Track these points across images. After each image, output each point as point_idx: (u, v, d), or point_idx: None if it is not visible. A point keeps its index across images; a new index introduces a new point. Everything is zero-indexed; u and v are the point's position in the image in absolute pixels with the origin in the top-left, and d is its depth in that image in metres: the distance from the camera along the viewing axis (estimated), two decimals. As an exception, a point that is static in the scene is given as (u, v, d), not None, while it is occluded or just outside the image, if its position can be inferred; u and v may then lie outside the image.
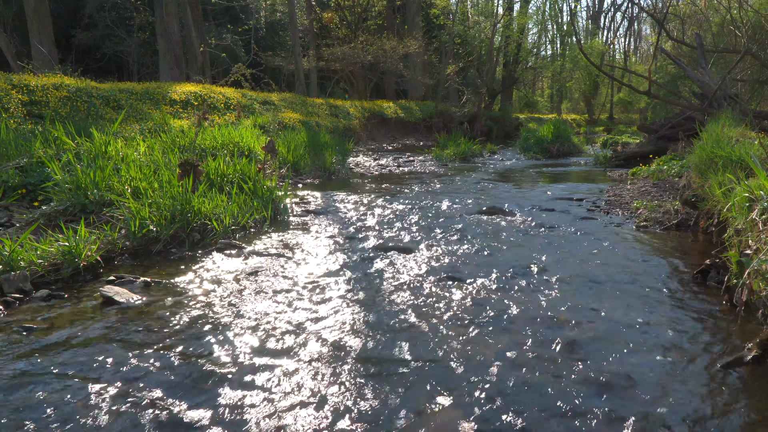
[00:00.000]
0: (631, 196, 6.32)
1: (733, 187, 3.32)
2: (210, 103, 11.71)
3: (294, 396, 1.95)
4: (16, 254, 3.08)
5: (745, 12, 13.22)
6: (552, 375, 2.10)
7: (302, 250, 3.98)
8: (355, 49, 20.26)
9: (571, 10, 36.43)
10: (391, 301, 2.91)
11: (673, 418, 1.82)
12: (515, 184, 7.96)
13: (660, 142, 10.06)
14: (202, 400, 1.92)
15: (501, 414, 1.84)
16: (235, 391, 1.98)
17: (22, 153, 5.27)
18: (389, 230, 4.63)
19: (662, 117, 13.95)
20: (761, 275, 2.36)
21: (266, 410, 1.86)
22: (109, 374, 2.08)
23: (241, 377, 2.07)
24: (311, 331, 2.51)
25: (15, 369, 2.10)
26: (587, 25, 47.58)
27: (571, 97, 46.24)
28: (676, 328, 2.53)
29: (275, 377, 2.08)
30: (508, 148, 16.55)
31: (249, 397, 1.94)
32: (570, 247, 4.03)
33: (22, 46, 17.41)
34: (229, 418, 1.81)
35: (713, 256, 3.33)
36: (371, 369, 2.15)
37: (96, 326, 2.53)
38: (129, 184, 4.56)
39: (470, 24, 27.74)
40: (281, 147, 8.21)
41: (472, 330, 2.52)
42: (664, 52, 12.60)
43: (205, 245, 4.01)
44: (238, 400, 1.91)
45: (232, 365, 2.17)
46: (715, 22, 17.40)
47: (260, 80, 19.13)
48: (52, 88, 8.27)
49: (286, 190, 5.41)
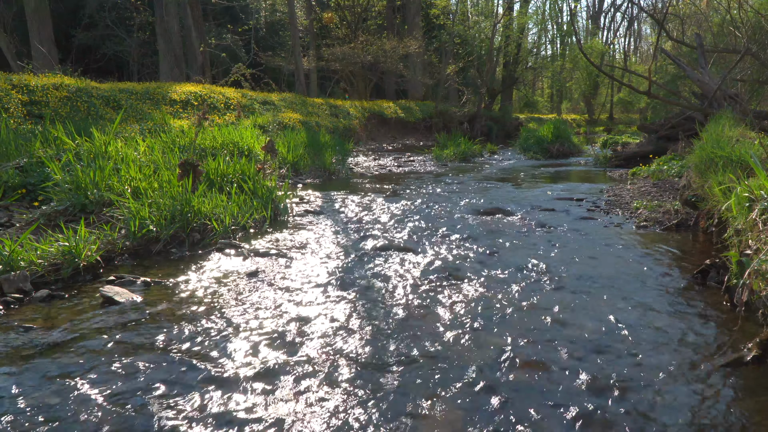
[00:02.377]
0: (631, 196, 6.32)
1: (733, 187, 3.31)
2: (210, 103, 11.71)
3: (293, 396, 1.95)
4: (16, 254, 3.08)
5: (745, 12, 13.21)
6: (552, 375, 2.10)
7: (302, 250, 3.98)
8: (355, 49, 20.26)
9: (571, 10, 36.43)
10: (391, 300, 2.91)
11: (672, 418, 1.81)
12: (515, 184, 7.96)
13: (660, 142, 10.06)
14: (202, 400, 1.92)
15: (501, 414, 1.84)
16: (235, 391, 1.98)
17: (22, 153, 5.27)
18: (389, 230, 4.63)
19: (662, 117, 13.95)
20: (761, 275, 2.36)
21: (266, 410, 1.86)
22: (109, 374, 2.08)
23: (241, 377, 2.07)
24: (311, 330, 2.51)
25: (14, 369, 2.10)
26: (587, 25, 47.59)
27: (571, 97, 46.21)
28: (675, 328, 2.53)
29: (275, 377, 2.08)
30: (508, 148, 16.55)
31: (249, 397, 1.94)
32: (570, 247, 4.03)
33: (22, 46, 17.41)
34: (229, 417, 1.81)
35: (713, 256, 3.33)
36: (371, 369, 2.15)
37: (96, 326, 2.53)
38: (129, 184, 4.56)
39: (470, 24, 27.74)
40: (281, 147, 8.21)
41: (472, 330, 2.51)
42: (664, 52, 12.60)
43: (205, 245, 4.01)
44: (237, 400, 1.91)
45: (233, 365, 2.17)
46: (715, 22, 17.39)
47: (260, 80, 19.14)
48: (52, 88, 8.27)
49: (286, 190, 5.41)
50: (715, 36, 16.35)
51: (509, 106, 29.78)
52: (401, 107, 21.39)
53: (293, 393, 1.97)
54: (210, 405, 1.88)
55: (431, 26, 25.62)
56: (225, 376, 2.08)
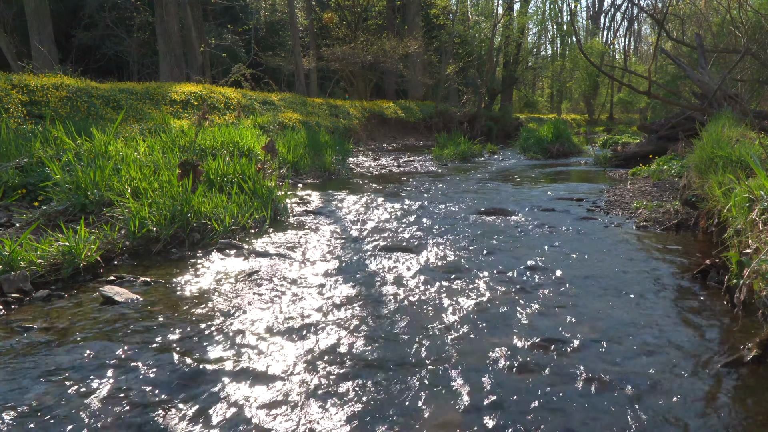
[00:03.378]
0: (631, 196, 6.32)
1: (733, 187, 3.31)
2: (210, 103, 11.72)
3: (293, 395, 1.95)
4: (16, 254, 3.08)
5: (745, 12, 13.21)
6: (551, 374, 2.09)
7: (302, 250, 3.98)
8: (355, 49, 20.27)
9: (571, 10, 36.41)
10: (391, 300, 2.91)
11: (672, 418, 1.81)
12: (515, 184, 7.96)
13: (660, 142, 10.06)
14: (202, 399, 1.92)
15: (500, 413, 1.84)
16: (235, 390, 1.98)
17: (22, 153, 5.27)
18: (389, 230, 4.63)
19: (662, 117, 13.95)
20: (761, 275, 2.36)
21: (265, 410, 1.86)
22: (109, 374, 2.08)
23: (241, 377, 2.07)
24: (311, 330, 2.51)
25: (14, 369, 2.10)
26: (587, 25, 47.59)
27: (571, 97, 46.21)
28: (675, 328, 2.53)
29: (275, 377, 2.08)
30: (508, 148, 16.54)
31: (249, 396, 1.94)
32: (570, 247, 4.03)
33: (22, 46, 17.41)
34: (228, 417, 1.81)
35: (713, 256, 3.33)
36: (371, 368, 2.15)
37: (96, 326, 2.53)
38: (129, 184, 4.56)
39: (470, 24, 27.76)
40: (281, 147, 8.21)
41: (471, 330, 2.51)
42: (664, 52, 12.60)
43: (205, 245, 4.01)
44: (237, 400, 1.91)
45: (232, 365, 2.17)
46: (715, 22, 17.40)
47: (260, 80, 19.15)
48: (52, 88, 8.27)
49: (286, 190, 5.41)
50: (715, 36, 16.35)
51: (509, 106, 29.79)
52: (401, 107, 21.39)
53: (292, 391, 1.97)
54: (210, 405, 1.88)
55: (431, 26, 25.62)
56: (225, 376, 2.08)
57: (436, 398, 1.94)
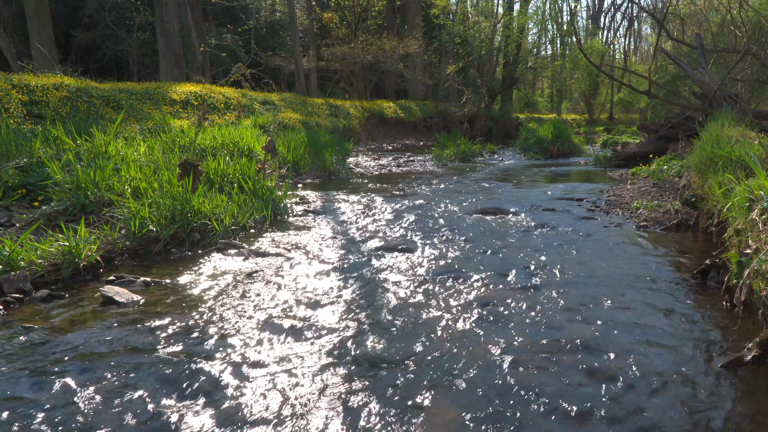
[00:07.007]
0: (631, 196, 6.32)
1: (733, 187, 3.31)
2: (210, 103, 11.71)
3: (292, 395, 1.95)
4: (16, 254, 3.08)
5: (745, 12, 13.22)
6: (550, 373, 2.10)
7: (302, 249, 3.98)
8: (355, 49, 20.26)
9: (571, 10, 36.41)
10: (391, 300, 2.91)
11: (672, 418, 1.81)
12: (515, 184, 7.96)
13: (660, 142, 10.05)
14: (202, 399, 1.92)
15: (499, 412, 1.84)
16: (235, 390, 1.98)
17: (22, 153, 5.26)
18: (389, 230, 4.63)
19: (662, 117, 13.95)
20: (761, 275, 2.36)
21: (265, 410, 1.86)
22: (109, 374, 2.08)
23: (240, 377, 2.08)
24: (311, 330, 2.51)
25: (14, 369, 2.10)
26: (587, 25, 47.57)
27: (571, 97, 46.20)
28: (675, 328, 2.53)
29: (275, 377, 2.08)
30: (508, 148, 16.54)
31: (248, 396, 1.94)
32: (570, 246, 4.03)
33: (22, 46, 17.40)
34: (228, 417, 1.81)
35: (713, 256, 3.33)
36: (371, 368, 2.15)
37: (96, 326, 2.53)
38: (129, 184, 4.56)
39: (470, 24, 27.74)
40: (281, 147, 8.21)
41: (471, 329, 2.52)
42: (664, 52, 12.60)
43: (205, 245, 4.01)
44: (237, 400, 1.91)
45: (232, 365, 2.17)
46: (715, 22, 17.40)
47: (260, 80, 19.14)
48: (52, 88, 8.26)
49: (286, 189, 5.41)
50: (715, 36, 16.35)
51: (509, 106, 29.78)
52: (401, 107, 21.39)
53: (292, 391, 1.97)
54: (210, 404, 1.89)
55: (431, 26, 25.61)
56: (225, 376, 2.08)
57: (437, 397, 1.94)
